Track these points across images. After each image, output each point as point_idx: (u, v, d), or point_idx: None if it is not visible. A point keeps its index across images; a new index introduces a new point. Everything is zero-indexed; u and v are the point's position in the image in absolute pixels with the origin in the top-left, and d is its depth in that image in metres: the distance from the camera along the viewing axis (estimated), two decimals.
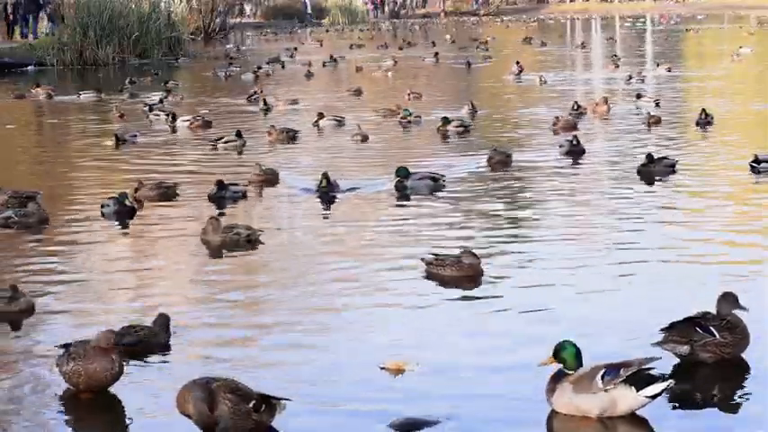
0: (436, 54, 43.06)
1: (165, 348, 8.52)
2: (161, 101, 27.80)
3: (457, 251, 10.62)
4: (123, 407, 7.46)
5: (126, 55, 44.36)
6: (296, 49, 52.05)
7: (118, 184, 15.79)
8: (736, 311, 7.92)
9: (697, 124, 20.81)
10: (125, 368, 7.59)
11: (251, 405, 6.78)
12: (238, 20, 78.84)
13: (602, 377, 6.77)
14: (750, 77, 32.52)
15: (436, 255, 10.62)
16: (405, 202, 14.22)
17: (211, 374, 7.03)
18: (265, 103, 26.11)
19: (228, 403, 6.70)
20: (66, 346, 7.71)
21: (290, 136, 20.69)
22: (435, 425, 6.90)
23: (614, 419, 6.88)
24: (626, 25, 72.18)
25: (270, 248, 11.91)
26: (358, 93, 29.42)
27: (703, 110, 21.17)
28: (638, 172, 15.48)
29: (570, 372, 6.95)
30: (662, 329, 7.83)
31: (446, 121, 21.12)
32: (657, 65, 35.91)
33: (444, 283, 10.21)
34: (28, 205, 13.67)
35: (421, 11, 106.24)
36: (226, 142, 19.78)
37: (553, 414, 7.00)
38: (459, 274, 10.29)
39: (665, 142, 18.93)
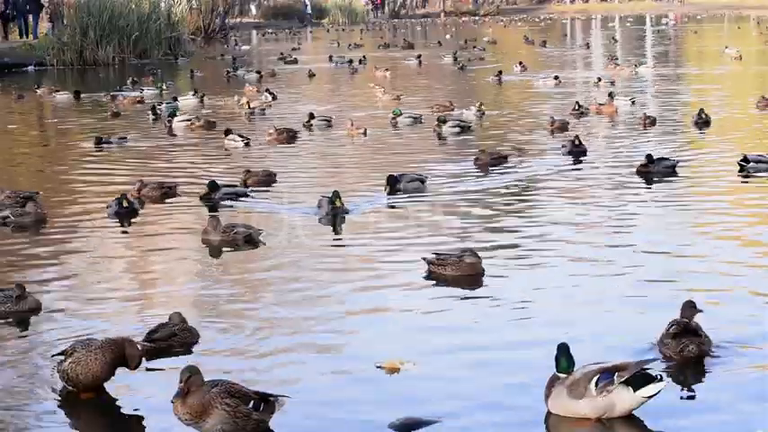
0: (455, 53, 42.90)
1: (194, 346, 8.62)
2: (175, 98, 27.93)
3: (458, 250, 10.67)
4: (123, 407, 7.48)
5: (126, 55, 44.38)
6: (297, 48, 52.25)
7: (118, 184, 15.85)
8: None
9: (695, 124, 20.84)
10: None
11: (250, 406, 6.80)
12: (238, 20, 78.81)
13: (597, 383, 6.75)
14: (738, 77, 32.52)
15: (438, 254, 10.65)
16: (402, 203, 14.22)
17: (211, 374, 7.04)
18: (248, 106, 25.93)
19: (228, 408, 6.71)
20: (62, 353, 7.73)
21: (291, 136, 20.79)
22: (435, 425, 6.91)
23: (611, 420, 6.90)
24: (641, 24, 71.70)
25: (269, 248, 11.92)
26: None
27: (701, 110, 21.19)
28: (638, 172, 15.50)
29: (563, 375, 6.94)
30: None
31: (442, 120, 21.18)
32: (636, 66, 35.61)
33: (445, 282, 10.24)
34: (26, 205, 13.69)
35: (421, 11, 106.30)
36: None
37: (551, 414, 7.01)
38: (461, 273, 10.33)
39: (664, 142, 18.95)
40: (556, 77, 31.06)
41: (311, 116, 22.74)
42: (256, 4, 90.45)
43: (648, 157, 15.62)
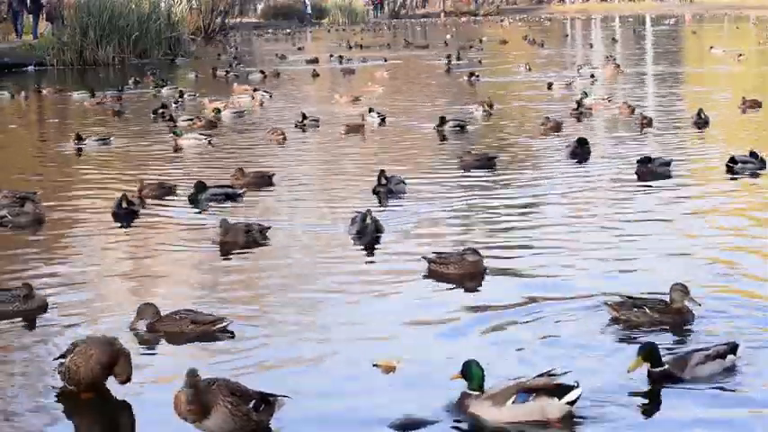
0: (458, 54, 42.65)
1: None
2: (180, 96, 28.13)
3: (460, 249, 10.72)
4: (123, 407, 7.51)
5: (126, 55, 44.39)
6: (301, 48, 52.42)
7: (117, 184, 15.91)
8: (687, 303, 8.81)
9: (695, 125, 20.89)
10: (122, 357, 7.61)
11: (251, 405, 6.84)
12: (238, 20, 78.83)
13: (514, 401, 6.91)
14: (728, 77, 32.58)
15: (438, 253, 10.68)
16: (401, 202, 14.24)
17: (209, 375, 7.07)
18: (218, 111, 25.36)
19: (229, 406, 6.75)
20: (63, 356, 7.76)
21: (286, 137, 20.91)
22: (435, 425, 6.94)
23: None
24: (660, 26, 70.87)
25: (269, 248, 11.96)
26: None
27: (700, 109, 21.25)
28: (636, 172, 15.58)
29: (476, 392, 7.03)
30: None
31: (442, 120, 21.25)
32: (580, 68, 35.20)
33: (447, 280, 10.27)
34: (25, 205, 13.71)
35: (421, 11, 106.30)
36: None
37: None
38: (463, 271, 10.36)
39: (665, 142, 19.06)
40: (592, 76, 31.12)
41: (304, 116, 22.77)
42: (262, 5, 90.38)
43: (646, 157, 15.75)
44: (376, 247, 11.79)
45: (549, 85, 29.43)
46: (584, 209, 13.54)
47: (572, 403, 6.96)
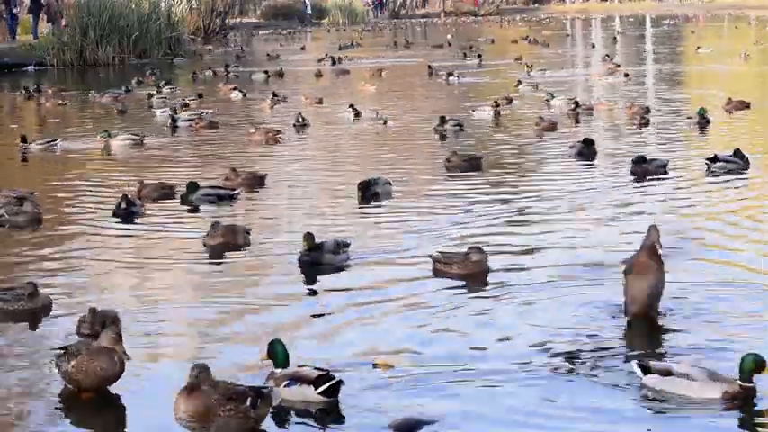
0: (479, 56, 42.27)
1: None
2: (149, 98, 28.29)
3: (464, 248, 10.74)
4: (123, 407, 7.55)
5: (126, 55, 44.41)
6: (302, 48, 52.45)
7: (117, 183, 15.94)
8: None
9: (697, 124, 20.91)
10: (126, 367, 7.65)
11: (248, 403, 6.87)
12: (238, 20, 78.83)
13: (285, 385, 7.38)
14: (718, 77, 32.65)
15: (443, 252, 10.69)
16: (400, 203, 14.25)
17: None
18: (175, 111, 24.92)
19: (231, 413, 6.81)
20: (64, 347, 7.78)
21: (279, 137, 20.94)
22: (434, 425, 6.96)
23: None
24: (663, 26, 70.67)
25: (267, 246, 11.98)
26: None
27: (701, 109, 21.27)
28: (632, 172, 15.64)
29: (279, 370, 7.52)
30: None
31: (443, 120, 21.28)
32: (529, 69, 34.98)
33: (451, 280, 10.29)
34: (23, 204, 13.72)
35: (421, 11, 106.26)
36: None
37: (553, 414, 7.14)
38: (467, 271, 10.37)
39: (662, 142, 19.10)
40: (626, 75, 31.43)
41: (301, 117, 22.73)
42: (263, 5, 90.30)
43: (641, 157, 15.86)
44: (379, 245, 11.77)
45: (518, 84, 29.41)
46: (583, 208, 13.58)
47: (324, 394, 7.28)
